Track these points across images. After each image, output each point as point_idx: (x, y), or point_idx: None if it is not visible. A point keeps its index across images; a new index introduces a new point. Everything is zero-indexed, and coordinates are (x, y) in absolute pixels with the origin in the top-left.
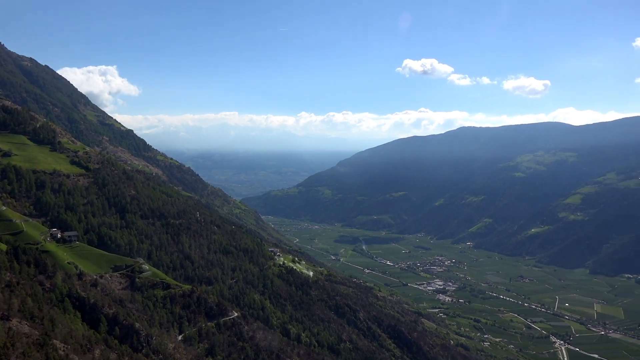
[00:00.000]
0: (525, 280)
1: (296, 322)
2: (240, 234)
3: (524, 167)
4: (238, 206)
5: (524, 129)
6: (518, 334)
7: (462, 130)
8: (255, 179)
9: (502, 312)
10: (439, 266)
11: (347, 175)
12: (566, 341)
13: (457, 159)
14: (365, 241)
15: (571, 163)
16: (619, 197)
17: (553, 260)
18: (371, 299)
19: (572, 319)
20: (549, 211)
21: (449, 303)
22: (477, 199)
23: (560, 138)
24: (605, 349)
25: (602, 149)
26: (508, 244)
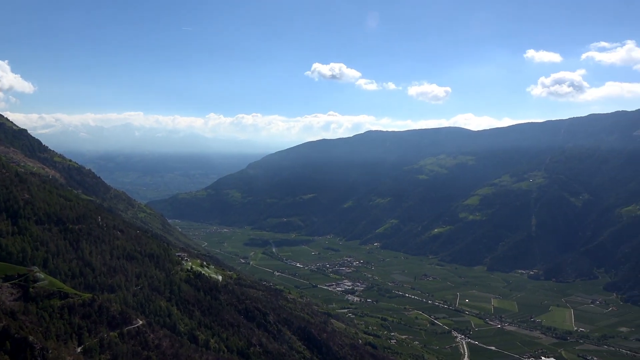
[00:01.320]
0: (429, 279)
1: (205, 327)
2: (145, 239)
3: (427, 170)
4: (143, 210)
5: (428, 133)
6: (423, 331)
7: (370, 134)
8: (162, 182)
9: (407, 310)
10: (348, 267)
11: (257, 178)
12: (467, 335)
13: (364, 161)
14: (275, 244)
15: (470, 166)
16: (512, 198)
17: (454, 258)
18: (281, 301)
19: (472, 314)
20: (450, 212)
21: (357, 303)
22: (384, 201)
23: (461, 142)
24: (502, 341)
25: (497, 153)
26: (413, 243)
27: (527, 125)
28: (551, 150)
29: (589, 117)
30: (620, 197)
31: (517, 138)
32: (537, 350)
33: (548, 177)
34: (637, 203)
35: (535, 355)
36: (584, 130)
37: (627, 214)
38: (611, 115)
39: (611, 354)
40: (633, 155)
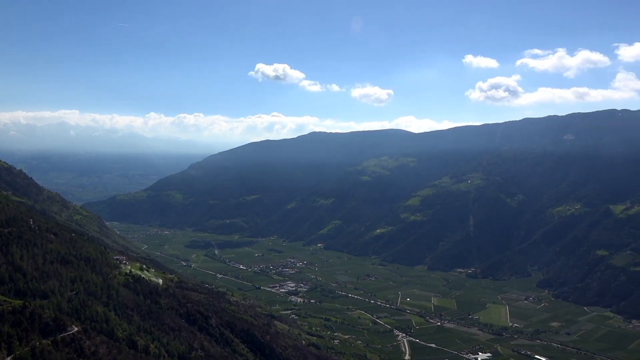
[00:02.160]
0: (372, 279)
1: (144, 332)
2: (81, 242)
3: (370, 171)
4: (79, 212)
5: (370, 135)
6: (365, 330)
7: (313, 135)
8: (99, 183)
9: (350, 309)
10: (292, 268)
11: (199, 179)
12: (408, 333)
13: (308, 162)
14: (218, 245)
15: (412, 167)
16: (452, 199)
17: (396, 258)
18: (224, 304)
19: (413, 312)
20: (392, 212)
21: (301, 304)
22: (327, 202)
23: (402, 144)
24: (442, 338)
25: (437, 155)
26: (356, 244)
27: (466, 128)
28: (488, 153)
29: (523, 121)
30: (552, 197)
31: (456, 140)
32: (474, 347)
33: (485, 179)
34: (567, 204)
35: (473, 351)
36: (519, 134)
37: (558, 214)
38: (544, 119)
39: (543, 347)
40: (563, 158)
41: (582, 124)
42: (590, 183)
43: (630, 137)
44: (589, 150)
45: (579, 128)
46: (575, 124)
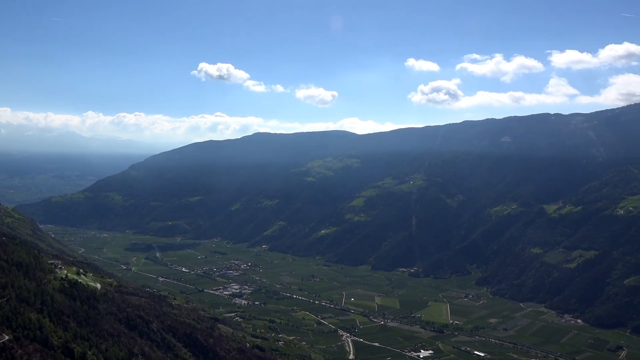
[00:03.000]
0: (316, 279)
1: (81, 339)
2: (12, 246)
3: (314, 172)
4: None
5: (315, 136)
6: (310, 331)
7: (258, 136)
8: (33, 184)
9: (295, 311)
10: (235, 270)
11: (140, 180)
12: (352, 333)
13: (253, 163)
14: (160, 248)
15: (355, 169)
16: (394, 200)
17: (340, 258)
18: (166, 308)
19: (357, 312)
20: (336, 213)
21: (245, 306)
22: (272, 203)
23: (347, 145)
24: (385, 337)
25: (381, 156)
26: (301, 245)
27: (408, 130)
28: (430, 154)
29: (463, 123)
30: (490, 198)
31: (398, 142)
32: (417, 344)
33: (427, 180)
34: (504, 204)
35: (415, 349)
36: (459, 136)
37: (495, 214)
38: (482, 122)
39: (482, 343)
40: (500, 160)
41: (518, 127)
42: (526, 184)
43: (562, 140)
44: (524, 152)
45: (515, 131)
46: (512, 127)
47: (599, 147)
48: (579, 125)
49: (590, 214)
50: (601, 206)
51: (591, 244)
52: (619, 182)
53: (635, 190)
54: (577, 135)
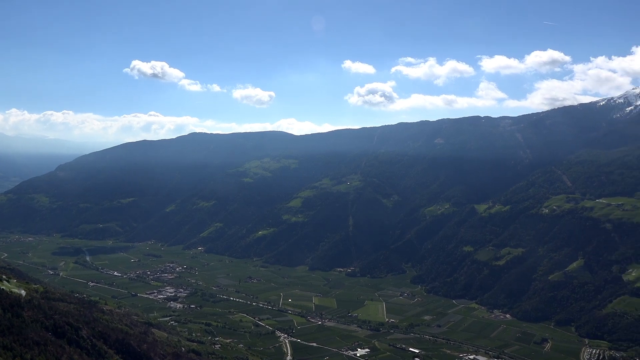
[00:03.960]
0: (254, 281)
1: (4, 349)
2: None
3: (252, 173)
4: None
5: (252, 136)
6: (247, 333)
7: (193, 136)
8: None
9: (232, 313)
10: (170, 273)
11: (68, 181)
12: (289, 334)
13: (188, 164)
14: (90, 252)
15: (293, 169)
16: (332, 200)
17: (278, 259)
18: (96, 313)
19: (295, 313)
20: (274, 214)
21: (180, 310)
22: (208, 204)
23: (284, 146)
24: (322, 337)
25: (318, 157)
26: (238, 246)
27: (345, 131)
28: (366, 155)
29: (398, 125)
30: (424, 198)
31: (336, 143)
32: (354, 343)
33: (363, 180)
34: (438, 204)
35: (352, 347)
36: (394, 137)
37: (429, 214)
38: (416, 124)
39: (417, 340)
40: (434, 161)
41: (450, 129)
42: (458, 184)
43: (491, 142)
44: (457, 154)
45: (448, 133)
46: (445, 129)
47: (525, 149)
48: (508, 128)
49: (518, 213)
50: (528, 205)
51: (518, 241)
52: (544, 183)
53: (558, 190)
54: (505, 137)
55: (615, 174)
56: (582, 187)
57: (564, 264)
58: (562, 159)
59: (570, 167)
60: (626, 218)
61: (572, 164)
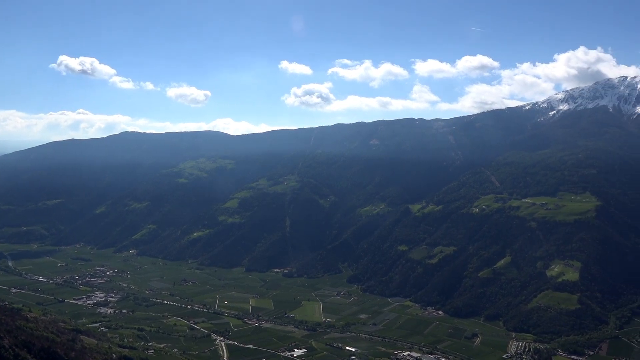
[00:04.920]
0: (189, 283)
1: None
2: None
3: (187, 174)
4: None
5: (187, 136)
6: (182, 337)
7: (125, 135)
8: None
9: (166, 317)
10: (100, 277)
11: None
12: (225, 337)
13: (120, 164)
14: (12, 256)
15: (229, 170)
16: (269, 201)
17: (214, 261)
18: (19, 321)
19: (231, 315)
20: (210, 215)
21: (111, 315)
22: (141, 205)
23: (220, 146)
24: (259, 339)
25: (255, 157)
26: (172, 249)
27: (282, 131)
28: (303, 156)
29: (335, 126)
30: (360, 198)
31: (273, 144)
32: (290, 344)
33: (300, 181)
34: (373, 204)
35: (289, 348)
36: (331, 138)
37: (365, 214)
38: (353, 125)
39: (353, 339)
40: (370, 162)
41: (386, 131)
42: (393, 185)
43: (425, 143)
44: (392, 155)
45: (383, 134)
46: (380, 130)
47: (457, 150)
48: (440, 130)
49: (450, 212)
50: (459, 205)
51: (450, 240)
52: (474, 183)
53: (487, 190)
54: (438, 139)
55: (540, 175)
56: (509, 187)
57: (493, 261)
58: (491, 160)
59: (499, 168)
60: (549, 217)
61: (500, 165)
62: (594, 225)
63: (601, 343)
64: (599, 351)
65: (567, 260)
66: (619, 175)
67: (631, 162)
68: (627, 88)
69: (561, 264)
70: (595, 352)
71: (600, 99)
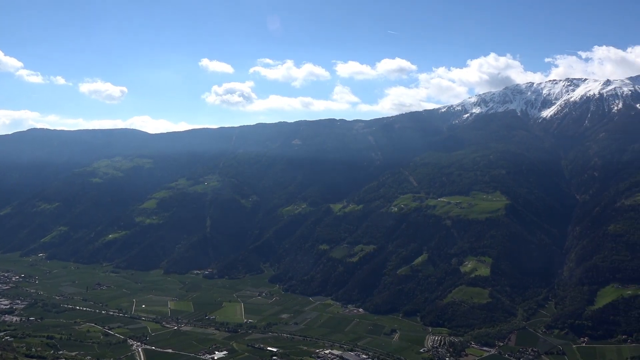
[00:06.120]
0: (103, 287)
1: None
2: None
3: (101, 173)
4: None
5: (102, 134)
6: (96, 344)
7: (34, 132)
8: None
9: (78, 323)
10: (5, 284)
11: None
12: (143, 342)
13: (27, 163)
14: None
15: (147, 169)
16: (189, 201)
17: (131, 264)
18: None
19: (149, 319)
20: (126, 216)
21: (17, 324)
22: (51, 207)
23: (137, 145)
24: (178, 342)
25: (175, 157)
26: (85, 251)
27: (203, 130)
28: (224, 155)
29: (257, 125)
30: (282, 198)
31: (193, 142)
32: (211, 346)
33: (222, 181)
34: (295, 203)
35: (209, 351)
36: (253, 138)
37: (287, 213)
38: (275, 125)
39: (275, 339)
40: (292, 162)
41: (307, 131)
42: (314, 184)
43: (346, 144)
44: (313, 155)
45: (305, 134)
46: (302, 130)
47: (377, 151)
48: (361, 130)
49: (370, 211)
50: (379, 204)
51: (370, 238)
52: (393, 183)
53: (405, 190)
54: (359, 140)
55: (454, 175)
56: (426, 186)
57: (411, 259)
58: (409, 161)
59: (416, 169)
60: (463, 215)
61: (417, 165)
62: (503, 223)
63: (510, 334)
64: (508, 342)
65: (480, 256)
66: (526, 175)
67: (537, 163)
68: (534, 93)
69: (474, 260)
70: (504, 343)
71: (510, 103)
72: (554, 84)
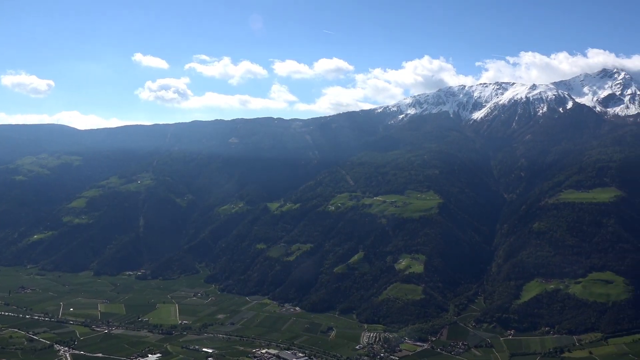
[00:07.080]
0: (27, 291)
1: None
2: None
3: (25, 171)
4: None
5: (26, 129)
6: (19, 350)
7: None
8: None
9: (0, 329)
10: None
11: None
12: (71, 347)
13: None
14: None
15: (76, 167)
16: (121, 200)
17: (58, 266)
18: None
19: (77, 322)
20: (53, 216)
21: None
22: None
23: (66, 141)
24: (109, 346)
25: (106, 154)
26: (7, 253)
27: (136, 127)
28: (158, 153)
29: (193, 123)
30: (218, 197)
31: (125, 140)
32: (144, 349)
33: (156, 179)
34: (232, 202)
35: (142, 354)
36: (188, 135)
37: (223, 213)
38: (211, 122)
39: (210, 340)
40: (229, 160)
41: (245, 129)
42: (252, 183)
43: (283, 142)
44: (250, 154)
45: (242, 132)
46: (239, 128)
47: (314, 150)
48: (298, 129)
49: (307, 210)
50: (316, 203)
51: (308, 237)
52: (330, 182)
53: (342, 189)
54: (296, 138)
55: (390, 174)
56: (362, 186)
57: (347, 257)
58: (346, 160)
59: (353, 168)
60: (398, 214)
61: (354, 164)
62: (436, 221)
63: (442, 329)
64: (440, 336)
65: (414, 254)
66: (458, 175)
67: (468, 163)
68: (465, 96)
69: (408, 258)
70: (437, 338)
71: (443, 105)
72: (484, 87)
